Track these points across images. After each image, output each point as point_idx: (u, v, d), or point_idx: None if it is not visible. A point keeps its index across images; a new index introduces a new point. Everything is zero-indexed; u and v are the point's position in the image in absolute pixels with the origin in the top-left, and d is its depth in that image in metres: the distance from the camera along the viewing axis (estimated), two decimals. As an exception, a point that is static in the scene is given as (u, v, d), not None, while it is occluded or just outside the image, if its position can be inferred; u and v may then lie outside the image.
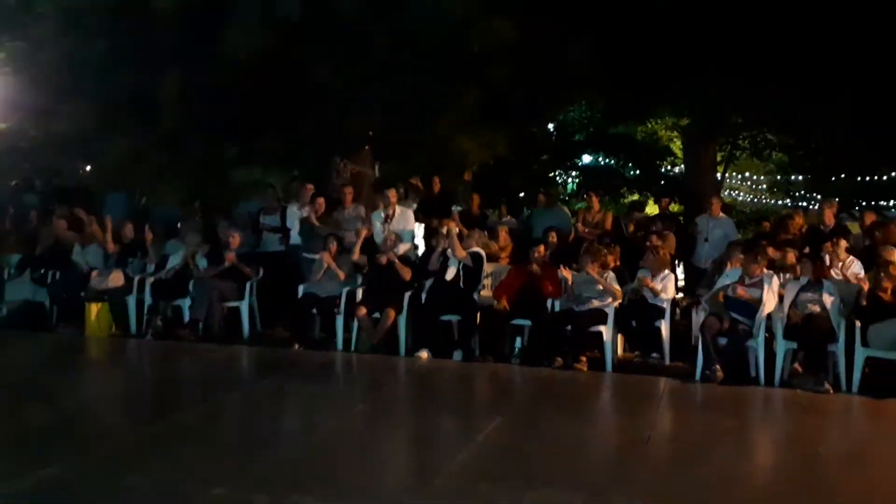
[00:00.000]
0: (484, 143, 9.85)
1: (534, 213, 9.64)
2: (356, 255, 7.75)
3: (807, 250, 7.13)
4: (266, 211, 9.08)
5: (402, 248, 7.97)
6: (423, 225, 9.43)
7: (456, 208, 9.61)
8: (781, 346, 6.26)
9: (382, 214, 8.21)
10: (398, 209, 8.26)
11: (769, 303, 6.36)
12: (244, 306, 7.96)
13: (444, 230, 7.56)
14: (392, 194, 8.24)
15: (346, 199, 8.82)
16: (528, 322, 7.02)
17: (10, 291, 8.61)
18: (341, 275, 7.67)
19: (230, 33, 7.59)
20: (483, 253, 7.46)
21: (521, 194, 13.87)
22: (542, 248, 7.45)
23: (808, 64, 8.73)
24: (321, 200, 8.52)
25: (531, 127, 13.10)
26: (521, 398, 6.02)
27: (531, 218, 9.57)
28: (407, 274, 7.52)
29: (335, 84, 8.19)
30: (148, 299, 8.00)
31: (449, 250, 7.41)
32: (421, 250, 8.61)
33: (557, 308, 7.02)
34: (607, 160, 16.05)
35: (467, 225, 8.35)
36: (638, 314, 6.93)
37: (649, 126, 15.42)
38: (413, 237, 8.39)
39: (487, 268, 7.61)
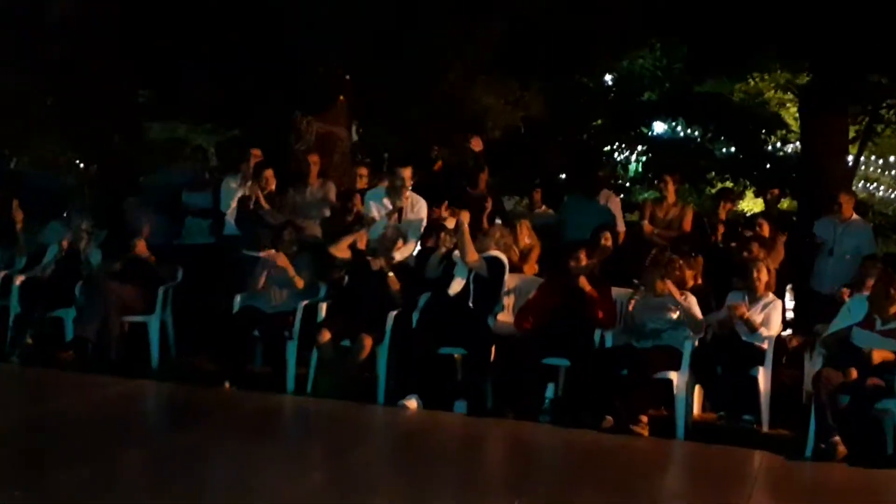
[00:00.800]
0: (512, 99, 9.85)
1: (567, 202, 9.65)
2: (343, 251, 7.75)
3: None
4: (192, 186, 9.09)
5: (402, 252, 7.97)
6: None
7: None
8: (933, 411, 6.25)
9: (387, 202, 8.15)
10: (412, 198, 8.20)
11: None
12: (154, 322, 7.99)
13: (453, 223, 7.57)
14: (408, 175, 8.17)
15: (309, 173, 8.85)
16: (565, 361, 7.04)
17: None
18: (299, 282, 7.70)
19: None
20: (504, 259, 7.46)
21: (563, 175, 13.89)
22: (582, 254, 7.44)
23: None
24: (270, 173, 8.53)
25: (580, 79, 13.12)
26: (552, 472, 6.02)
27: (566, 207, 9.59)
28: (396, 287, 7.55)
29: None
30: (15, 307, 8.02)
31: (456, 253, 7.41)
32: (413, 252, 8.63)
33: (609, 343, 7.03)
34: (689, 131, 16.03)
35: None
36: (726, 357, 6.93)
37: (752, 84, 15.39)
38: (419, 237, 8.36)
39: (509, 281, 7.62)
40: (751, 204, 16.71)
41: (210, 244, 8.86)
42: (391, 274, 7.54)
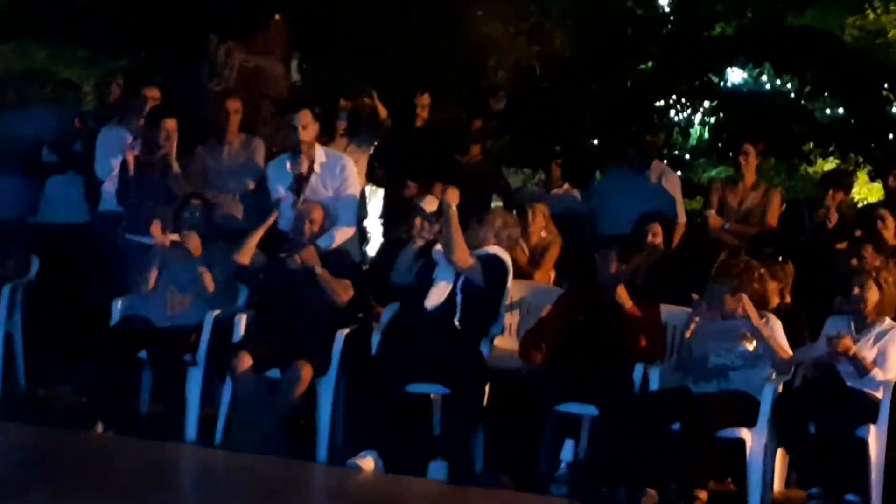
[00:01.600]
0: (525, 27, 9.89)
1: (603, 180, 9.69)
2: (244, 256, 7.80)
3: None
4: (55, 139, 9.20)
5: (338, 236, 8.05)
6: (379, 190, 9.47)
7: None
8: None
9: (291, 166, 8.23)
10: (323, 154, 8.30)
11: None
12: (-6, 336, 8.07)
13: (434, 205, 7.66)
14: (305, 118, 8.21)
15: (227, 125, 8.89)
16: (591, 409, 7.08)
17: None
18: (209, 284, 7.77)
19: None
20: (508, 259, 7.51)
21: (594, 141, 13.94)
22: (616, 254, 7.48)
23: None
24: (172, 125, 8.53)
25: (622, 2, 13.15)
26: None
27: (599, 187, 9.68)
28: (343, 292, 7.59)
29: None
30: None
31: (438, 247, 7.47)
32: (375, 244, 8.67)
33: (655, 384, 7.08)
34: (778, 82, 16.09)
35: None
36: (822, 409, 6.95)
37: (871, 17, 15.46)
38: (356, 215, 8.47)
39: (514, 290, 7.70)
40: (864, 190, 16.77)
41: (80, 224, 8.95)
42: (319, 270, 7.54)
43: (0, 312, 8.08)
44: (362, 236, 9.09)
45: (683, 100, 16.01)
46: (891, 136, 14.91)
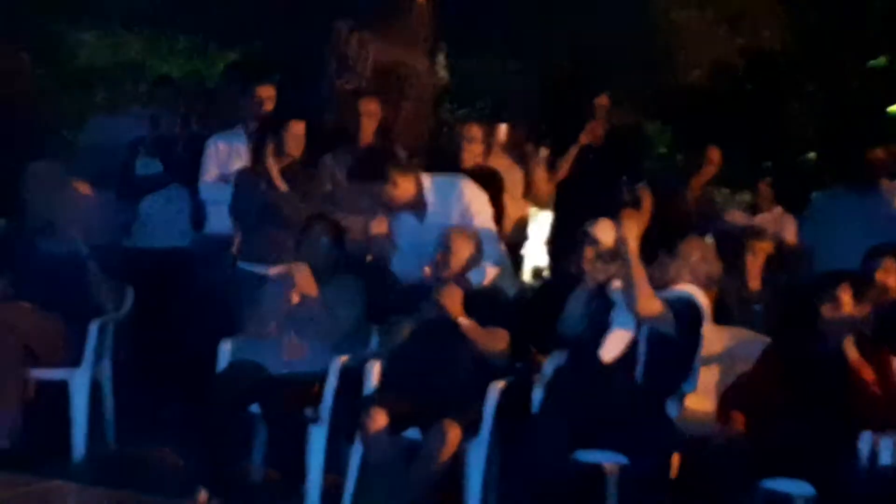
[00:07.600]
0: (725, 16, 9.91)
1: (817, 203, 9.67)
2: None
3: None
4: (152, 148, 9.47)
5: (489, 272, 8.18)
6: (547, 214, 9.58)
7: None
8: None
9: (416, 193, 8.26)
10: (429, 181, 8.33)
11: None
12: (80, 381, 8.20)
13: (606, 235, 7.75)
14: (475, 135, 8.34)
15: (360, 131, 9.10)
16: (805, 487, 7.03)
17: None
18: (334, 325, 7.90)
19: None
20: (703, 301, 7.52)
21: (810, 155, 13.86)
22: (846, 294, 7.37)
23: None
24: (298, 130, 8.70)
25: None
26: None
27: (816, 213, 9.74)
28: (496, 342, 7.71)
29: None
30: None
31: (616, 284, 7.56)
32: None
33: (887, 458, 6.98)
34: None
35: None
36: None
37: None
38: (498, 250, 8.57)
39: (711, 339, 7.70)
40: None
41: (181, 248, 9.22)
42: (464, 322, 7.60)
43: (87, 355, 8.17)
44: (516, 264, 9.13)
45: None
46: None
